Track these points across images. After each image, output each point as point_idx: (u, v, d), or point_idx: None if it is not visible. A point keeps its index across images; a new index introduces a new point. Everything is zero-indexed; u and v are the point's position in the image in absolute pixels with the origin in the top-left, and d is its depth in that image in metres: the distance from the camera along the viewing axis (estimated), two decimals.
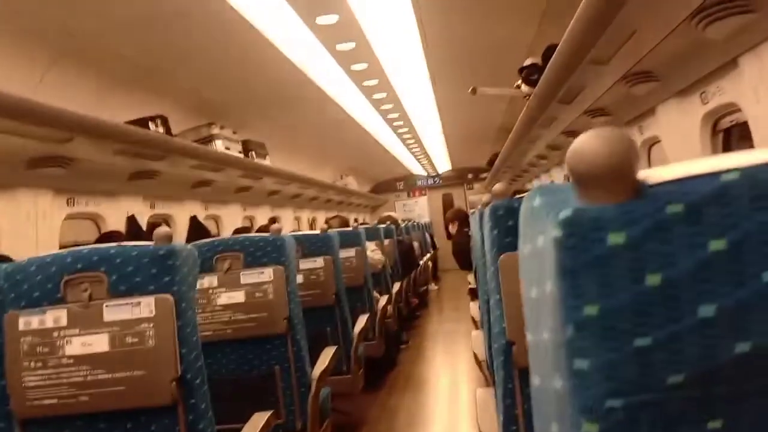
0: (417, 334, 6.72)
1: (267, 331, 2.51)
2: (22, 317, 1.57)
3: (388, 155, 10.41)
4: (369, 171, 12.33)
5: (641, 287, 0.46)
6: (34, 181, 3.00)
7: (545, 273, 0.51)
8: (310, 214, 8.70)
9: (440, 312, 8.58)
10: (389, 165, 11.91)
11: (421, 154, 11.11)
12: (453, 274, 10.99)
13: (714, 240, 0.46)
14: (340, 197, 9.56)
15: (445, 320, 7.81)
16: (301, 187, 7.01)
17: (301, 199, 7.73)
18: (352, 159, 10.17)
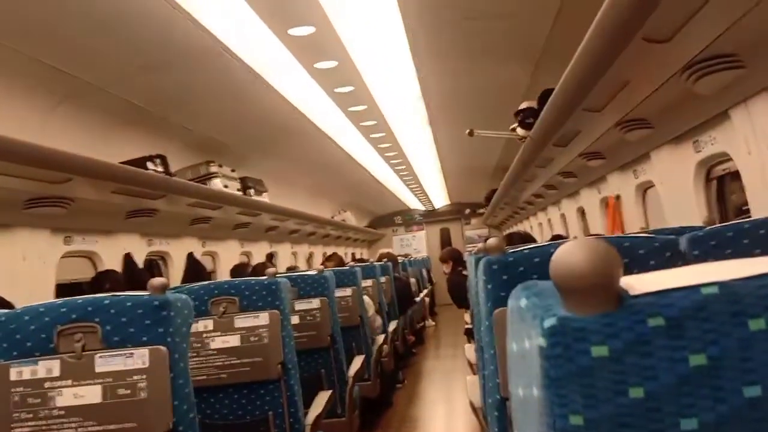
0: (413, 372, 6.67)
1: (261, 377, 2.49)
2: (14, 368, 1.56)
3: (386, 191, 10.46)
4: (367, 206, 12.37)
5: (625, 399, 0.47)
6: (32, 221, 3.01)
7: (532, 377, 0.52)
8: (307, 249, 8.70)
9: (437, 349, 8.53)
10: (387, 200, 11.96)
11: (419, 189, 11.16)
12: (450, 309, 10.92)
13: (694, 355, 0.47)
14: (337, 232, 9.57)
15: (441, 358, 7.75)
16: (298, 223, 7.03)
17: (299, 235, 7.74)
18: (350, 194, 10.21)
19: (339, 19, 3.12)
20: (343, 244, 10.90)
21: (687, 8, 1.76)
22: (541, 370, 0.49)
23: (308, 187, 8.13)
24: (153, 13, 2.69)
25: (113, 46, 2.97)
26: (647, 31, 1.89)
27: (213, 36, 2.98)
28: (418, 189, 11.04)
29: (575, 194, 5.29)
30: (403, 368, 6.39)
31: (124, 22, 2.75)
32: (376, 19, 3.19)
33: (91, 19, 2.67)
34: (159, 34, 2.91)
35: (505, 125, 4.67)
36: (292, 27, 3.11)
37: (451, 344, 8.19)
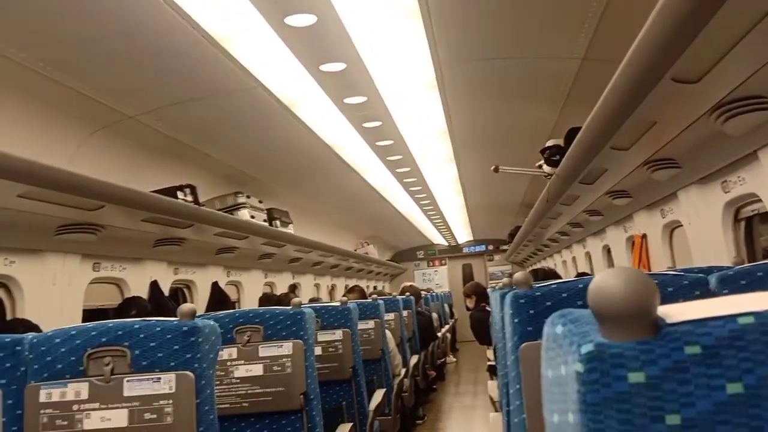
0: (434, 408, 6.60)
1: (283, 407, 2.49)
2: (43, 389, 1.59)
3: (409, 225, 10.47)
4: (389, 239, 12.39)
5: (661, 426, 0.48)
6: (63, 246, 3.07)
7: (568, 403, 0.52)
8: (330, 281, 8.71)
9: (458, 385, 8.43)
10: (410, 234, 11.96)
11: (443, 224, 11.16)
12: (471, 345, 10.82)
13: (731, 383, 0.48)
14: (360, 265, 9.58)
15: (462, 394, 7.66)
16: (322, 255, 7.06)
17: (322, 267, 7.77)
18: (374, 228, 10.25)
19: (369, 56, 3.18)
20: (365, 277, 10.90)
21: (716, 50, 1.77)
22: (577, 395, 0.50)
23: (332, 220, 8.18)
24: (190, 49, 2.77)
25: (149, 80, 3.06)
26: (676, 72, 1.90)
27: (246, 71, 3.05)
28: (441, 224, 11.05)
29: (601, 232, 5.26)
30: (424, 404, 6.32)
31: (161, 57, 2.84)
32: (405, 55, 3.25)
33: (128, 52, 2.75)
34: (194, 68, 2.99)
35: (531, 163, 4.68)
36: (324, 63, 3.17)
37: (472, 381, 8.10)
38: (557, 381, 0.55)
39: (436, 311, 8.75)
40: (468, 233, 13.04)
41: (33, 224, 2.77)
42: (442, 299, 10.77)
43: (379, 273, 11.97)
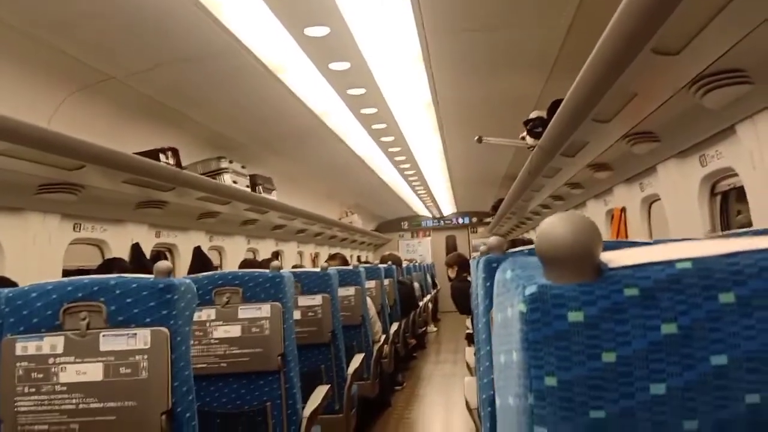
0: (413, 375, 6.69)
1: (261, 367, 2.52)
2: (20, 342, 1.60)
3: (394, 196, 10.48)
4: (374, 209, 12.41)
5: (597, 363, 0.50)
6: (43, 206, 3.06)
7: (512, 342, 0.55)
8: (313, 249, 8.73)
9: (438, 354, 8.54)
10: (394, 205, 11.98)
11: (427, 196, 11.19)
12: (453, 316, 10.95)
13: (666, 323, 0.50)
14: (343, 234, 9.60)
15: (442, 362, 7.77)
16: (305, 223, 7.06)
17: (306, 235, 7.78)
18: (358, 197, 10.25)
19: (354, 21, 3.15)
20: (348, 247, 10.93)
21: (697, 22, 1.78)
22: (520, 334, 0.52)
23: (316, 188, 8.17)
24: (174, 10, 2.73)
25: (132, 40, 3.02)
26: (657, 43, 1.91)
27: (231, 34, 3.02)
28: (426, 195, 11.07)
29: (581, 206, 5.31)
30: (403, 371, 6.41)
31: (145, 18, 2.80)
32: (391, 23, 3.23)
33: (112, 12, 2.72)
34: (178, 29, 2.96)
35: (515, 135, 4.70)
36: (308, 27, 3.15)
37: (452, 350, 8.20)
38: (504, 323, 0.57)
39: (418, 281, 8.82)
40: (452, 205, 13.08)
41: (13, 183, 2.75)
42: (425, 269, 10.84)
43: (363, 243, 12.01)
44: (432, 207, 13.02)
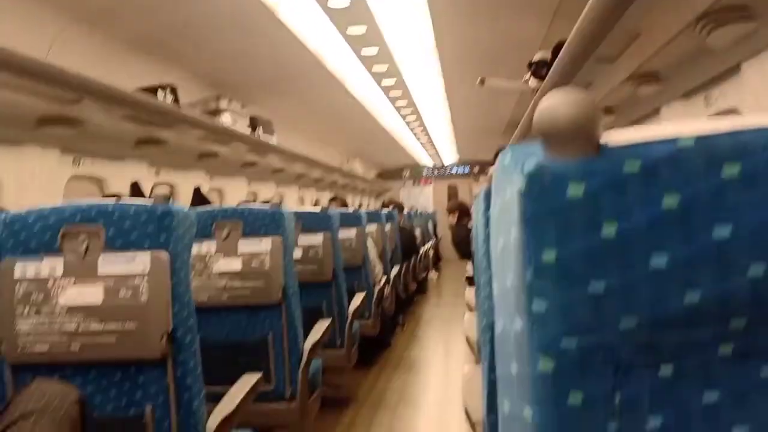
0: (413, 318, 6.78)
1: (262, 300, 2.54)
2: (19, 264, 1.60)
3: (396, 143, 10.42)
4: (375, 157, 12.35)
5: (597, 236, 0.49)
6: (41, 140, 3.04)
7: (511, 222, 0.54)
8: (314, 195, 8.73)
9: (438, 298, 8.64)
10: (396, 153, 11.92)
11: (429, 144, 11.12)
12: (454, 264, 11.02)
13: (668, 197, 0.49)
14: (345, 180, 9.58)
15: (443, 306, 7.86)
16: (306, 167, 7.03)
17: (306, 180, 7.76)
18: (359, 144, 10.19)
19: None
20: (350, 194, 10.92)
21: None
22: (519, 211, 0.51)
23: (317, 134, 8.11)
24: None
25: None
26: None
27: None
28: (428, 143, 11.01)
29: None
30: (404, 313, 6.48)
31: None
32: None
33: None
34: None
35: (520, 78, 4.63)
36: None
37: (452, 294, 8.28)
38: (503, 207, 0.56)
39: (419, 228, 8.84)
40: (454, 154, 13.02)
41: (10, 115, 2.72)
42: (426, 217, 10.85)
43: (364, 190, 11.99)
44: (434, 155, 12.96)
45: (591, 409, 0.51)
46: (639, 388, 0.51)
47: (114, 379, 1.62)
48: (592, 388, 0.51)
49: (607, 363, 0.51)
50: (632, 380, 0.51)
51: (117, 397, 1.62)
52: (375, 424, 3.43)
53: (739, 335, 0.51)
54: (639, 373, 0.51)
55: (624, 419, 0.52)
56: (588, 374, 0.51)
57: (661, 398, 0.52)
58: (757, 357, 0.51)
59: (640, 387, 0.51)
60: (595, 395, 0.51)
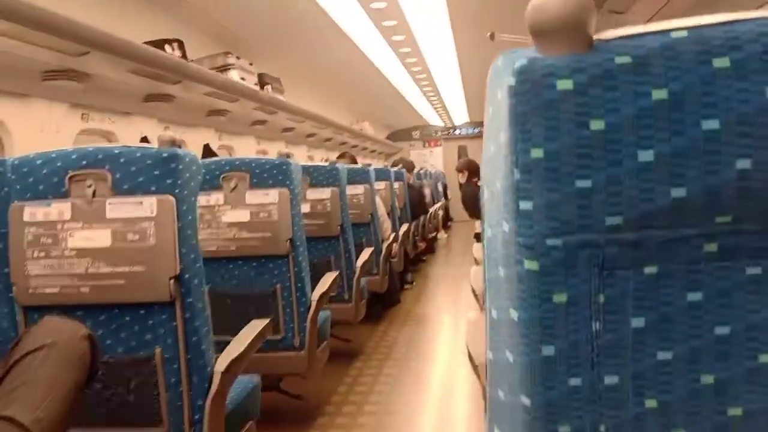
0: (422, 276, 6.82)
1: (270, 251, 2.57)
2: (28, 208, 1.62)
3: (405, 103, 10.34)
4: (385, 118, 12.27)
5: (585, 131, 0.49)
6: (49, 93, 3.04)
7: (500, 125, 0.54)
8: (324, 155, 8.72)
9: (447, 258, 8.67)
10: (406, 113, 11.84)
11: (439, 104, 11.03)
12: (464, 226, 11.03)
13: (657, 89, 0.48)
14: (354, 141, 9.55)
15: (451, 266, 7.89)
16: (315, 127, 7.01)
17: (316, 139, 7.74)
18: (369, 104, 10.12)
19: None
20: (359, 154, 10.89)
21: None
22: (508, 108, 0.51)
23: (327, 94, 8.05)
24: None
25: None
26: None
27: None
28: (438, 103, 10.91)
29: None
30: (413, 272, 6.52)
31: None
32: None
33: None
34: None
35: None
36: None
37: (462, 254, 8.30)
38: (494, 113, 0.56)
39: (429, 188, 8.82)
40: (465, 114, 12.91)
41: (16, 67, 2.72)
42: (436, 178, 10.83)
43: (374, 151, 11.96)
44: (444, 116, 12.86)
45: (575, 309, 0.52)
46: (623, 288, 0.52)
47: (123, 321, 1.65)
48: (576, 288, 0.51)
49: (592, 263, 0.51)
50: (617, 280, 0.52)
51: (127, 339, 1.65)
52: (383, 375, 3.48)
53: (724, 234, 0.51)
54: (623, 274, 0.52)
55: (607, 319, 0.52)
56: (573, 274, 0.51)
57: (644, 298, 0.52)
58: (742, 256, 0.51)
59: (624, 287, 0.52)
60: (579, 295, 0.51)
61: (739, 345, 0.52)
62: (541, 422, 0.53)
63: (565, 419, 0.53)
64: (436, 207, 9.21)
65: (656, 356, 0.53)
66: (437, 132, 14.18)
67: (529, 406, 0.53)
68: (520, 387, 0.54)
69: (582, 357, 0.52)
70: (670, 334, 0.52)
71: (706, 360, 0.52)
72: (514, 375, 0.55)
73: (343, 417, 2.89)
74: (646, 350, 0.53)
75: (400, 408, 3.00)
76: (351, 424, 2.80)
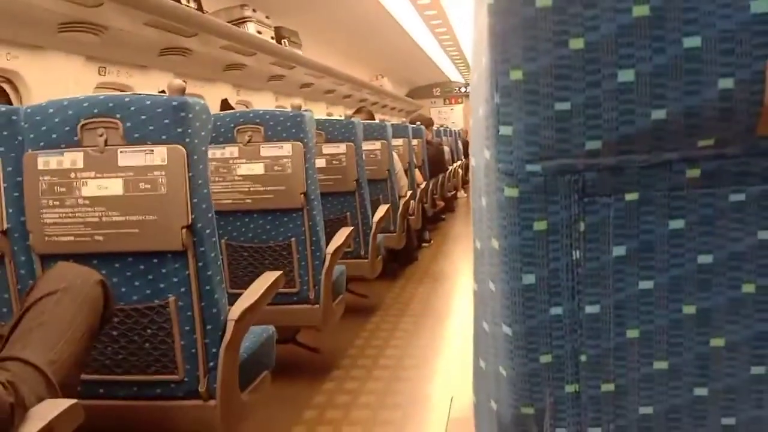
0: (440, 234, 6.82)
1: (284, 205, 2.57)
2: (41, 157, 1.63)
3: (426, 58, 10.20)
4: (405, 74, 12.14)
5: (564, 51, 0.47)
6: (66, 46, 3.03)
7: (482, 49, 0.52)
8: (342, 112, 8.67)
9: (467, 216, 8.65)
10: (426, 69, 11.70)
11: (459, 58, 10.87)
12: None
13: (638, 5, 0.46)
14: (374, 98, 9.47)
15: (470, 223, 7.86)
16: (334, 83, 6.95)
17: (335, 96, 7.69)
18: (388, 60, 10.00)
19: None
20: (379, 112, 10.82)
21: None
22: (488, 29, 0.49)
23: (346, 48, 7.97)
24: None
25: None
26: None
27: None
28: (458, 57, 10.76)
29: None
30: (431, 230, 6.51)
31: None
32: None
33: None
34: None
35: None
36: None
37: None
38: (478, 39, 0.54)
39: (448, 145, 8.75)
40: None
41: (33, 18, 2.71)
42: (456, 135, 10.74)
43: (394, 108, 11.86)
44: (465, 71, 12.68)
45: (555, 237, 0.51)
46: (603, 216, 0.50)
47: (137, 269, 1.67)
48: (556, 215, 0.50)
49: (572, 189, 0.50)
50: (597, 207, 0.50)
51: (141, 287, 1.67)
52: (399, 330, 3.51)
53: (707, 158, 0.49)
54: (604, 201, 0.50)
55: (588, 247, 0.51)
56: (553, 201, 0.50)
57: (625, 226, 0.51)
58: (725, 182, 0.50)
59: (604, 214, 0.50)
60: (559, 222, 0.50)
61: (722, 274, 0.51)
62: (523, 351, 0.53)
63: (546, 348, 0.52)
64: (456, 165, 9.15)
65: (637, 285, 0.52)
66: (458, 88, 14.01)
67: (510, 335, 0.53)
68: (502, 316, 0.53)
69: (563, 286, 0.52)
70: (652, 263, 0.51)
71: (688, 289, 0.51)
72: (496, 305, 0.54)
73: (359, 369, 2.93)
74: (627, 279, 0.52)
75: (416, 362, 3.03)
76: (366, 377, 2.84)
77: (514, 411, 0.54)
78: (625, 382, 0.53)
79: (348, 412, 2.50)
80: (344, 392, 2.69)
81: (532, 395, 0.53)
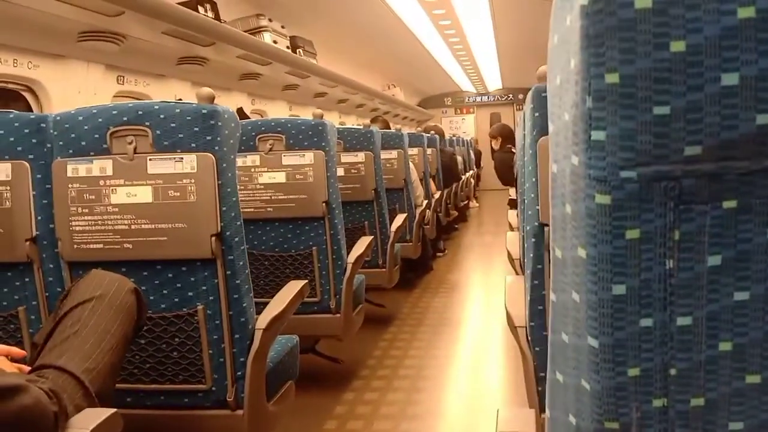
0: (454, 244, 6.79)
1: (306, 213, 2.56)
2: (70, 164, 1.63)
3: (438, 68, 10.21)
4: (417, 84, 12.14)
5: (664, 53, 0.45)
6: (86, 55, 3.05)
7: (570, 52, 0.50)
8: (355, 121, 8.68)
9: (479, 226, 8.63)
10: (438, 79, 11.70)
11: (472, 69, 10.87)
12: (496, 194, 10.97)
13: (743, 7, 0.44)
14: (386, 107, 9.47)
15: (484, 234, 7.85)
16: (347, 92, 6.96)
17: (347, 105, 7.69)
18: (401, 69, 10.01)
19: None
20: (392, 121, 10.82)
21: None
22: (581, 31, 0.47)
23: (359, 58, 7.98)
24: None
25: None
26: None
27: None
28: (471, 68, 10.75)
29: None
30: (445, 240, 6.50)
31: None
32: None
33: None
34: None
35: None
36: None
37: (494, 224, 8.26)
38: (561, 41, 0.52)
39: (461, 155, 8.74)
40: (498, 81, 12.72)
41: (53, 27, 2.72)
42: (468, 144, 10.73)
43: (406, 117, 11.87)
44: (477, 81, 12.68)
45: (648, 245, 0.49)
46: (699, 224, 0.48)
47: (166, 278, 1.65)
48: (650, 223, 0.48)
49: (667, 196, 0.48)
50: (693, 215, 0.48)
51: (169, 295, 1.66)
52: (416, 340, 3.48)
53: None
54: (700, 208, 0.48)
55: (682, 257, 0.49)
56: (647, 208, 0.48)
57: (722, 235, 0.48)
58: None
59: (700, 222, 0.48)
60: (653, 230, 0.48)
61: None
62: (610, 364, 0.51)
63: (635, 361, 0.50)
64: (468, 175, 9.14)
65: (732, 296, 0.50)
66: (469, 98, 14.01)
67: (596, 347, 0.51)
68: (588, 327, 0.51)
69: (654, 296, 0.50)
70: (748, 273, 0.49)
71: None
72: (580, 315, 0.52)
73: (379, 380, 2.91)
74: (721, 290, 0.50)
75: (434, 372, 3.00)
76: (386, 387, 2.81)
77: (597, 426, 0.52)
78: (716, 397, 0.51)
79: (370, 423, 2.48)
80: (365, 403, 2.67)
81: (618, 409, 0.51)
